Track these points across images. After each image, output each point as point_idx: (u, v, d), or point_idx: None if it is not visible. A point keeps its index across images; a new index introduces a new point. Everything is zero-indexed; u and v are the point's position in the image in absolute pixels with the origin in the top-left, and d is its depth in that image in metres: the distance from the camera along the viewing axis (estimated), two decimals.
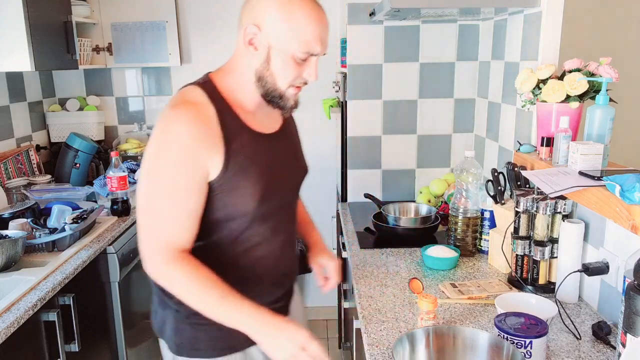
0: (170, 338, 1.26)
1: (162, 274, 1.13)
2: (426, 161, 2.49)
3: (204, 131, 1.09)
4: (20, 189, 2.35)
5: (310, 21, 1.09)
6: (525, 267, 1.52)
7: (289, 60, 1.12)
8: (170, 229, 1.11)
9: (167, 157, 1.09)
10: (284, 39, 1.09)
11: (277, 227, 1.26)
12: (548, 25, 1.68)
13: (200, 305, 1.12)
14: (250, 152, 1.16)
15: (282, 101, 1.18)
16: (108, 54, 2.82)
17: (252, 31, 1.10)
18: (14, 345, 1.38)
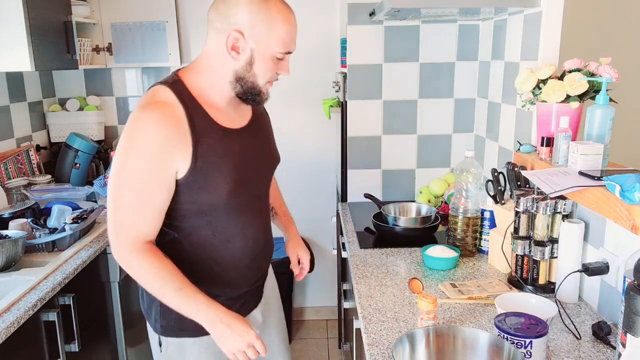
0: (157, 320, 1.35)
1: (126, 262, 1.22)
2: (426, 161, 2.49)
3: (172, 131, 1.15)
4: (20, 189, 2.35)
5: (287, 24, 1.20)
6: (525, 267, 1.52)
7: (269, 60, 1.21)
8: (136, 222, 1.20)
9: (136, 157, 1.16)
10: (267, 42, 1.19)
11: (251, 218, 1.34)
12: (548, 25, 1.68)
13: (158, 293, 1.22)
14: (219, 148, 1.23)
15: (259, 97, 1.27)
16: (108, 54, 2.82)
17: (235, 37, 1.17)
18: (14, 345, 1.38)
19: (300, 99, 2.94)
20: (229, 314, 1.22)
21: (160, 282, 1.20)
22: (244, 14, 1.16)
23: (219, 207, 1.26)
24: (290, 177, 2.12)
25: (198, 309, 1.20)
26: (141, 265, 1.21)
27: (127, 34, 2.80)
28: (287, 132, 2.94)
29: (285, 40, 1.20)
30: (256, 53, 1.19)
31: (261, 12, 1.17)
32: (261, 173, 1.38)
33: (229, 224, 1.29)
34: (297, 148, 3.02)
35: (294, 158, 2.99)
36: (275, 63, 1.22)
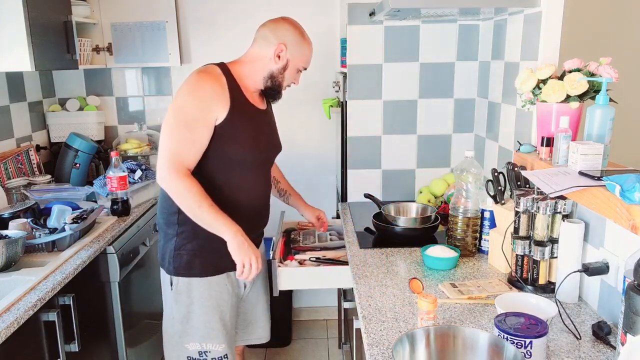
0: (170, 263, 1.70)
1: (171, 182, 1.56)
2: (426, 161, 2.49)
3: (216, 88, 1.59)
4: (20, 189, 2.35)
5: (310, 46, 1.73)
6: (525, 267, 1.52)
7: (295, 71, 1.71)
8: (183, 151, 1.56)
9: (189, 99, 1.58)
10: (298, 58, 1.69)
11: (262, 176, 1.77)
12: (548, 25, 1.68)
13: (194, 207, 1.56)
14: (247, 113, 1.67)
15: (279, 95, 1.75)
16: (108, 54, 2.82)
17: (282, 48, 1.66)
18: (14, 345, 1.38)
19: (300, 99, 2.94)
20: (243, 234, 1.60)
21: (198, 198, 1.54)
22: (289, 34, 1.67)
23: (238, 158, 1.64)
24: (290, 177, 2.13)
25: (225, 222, 1.57)
26: (184, 185, 1.54)
27: (127, 34, 2.81)
28: (287, 132, 2.93)
29: (307, 60, 1.73)
30: (290, 63, 1.68)
31: (298, 36, 1.69)
32: (270, 148, 1.80)
33: (242, 175, 1.68)
34: (297, 148, 3.02)
35: (294, 158, 2.99)
36: (296, 74, 1.72)
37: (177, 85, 2.94)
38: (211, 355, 1.74)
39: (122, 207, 2.21)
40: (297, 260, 1.96)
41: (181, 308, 1.71)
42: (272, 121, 1.85)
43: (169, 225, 1.70)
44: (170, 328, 1.76)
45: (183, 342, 1.73)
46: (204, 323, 1.72)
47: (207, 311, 1.71)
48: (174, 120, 1.57)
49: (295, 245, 2.13)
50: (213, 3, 2.86)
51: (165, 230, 1.72)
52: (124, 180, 2.19)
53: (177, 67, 2.89)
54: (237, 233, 1.58)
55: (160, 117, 3.00)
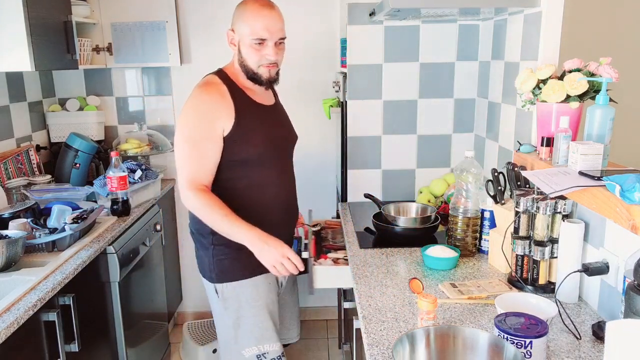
0: (212, 271, 1.71)
1: (187, 199, 1.59)
2: (426, 161, 2.49)
3: (217, 100, 1.61)
4: (20, 189, 2.34)
5: (257, 16, 1.59)
6: (525, 267, 1.52)
7: (249, 47, 1.62)
8: (193, 166, 1.60)
9: (192, 117, 1.61)
10: (243, 32, 1.62)
11: (280, 172, 1.75)
12: (548, 25, 1.68)
13: (210, 220, 1.59)
14: (255, 114, 1.67)
15: (257, 77, 1.66)
16: (108, 54, 2.82)
17: (230, 34, 1.67)
18: (14, 345, 1.38)
19: (300, 98, 2.94)
20: (265, 234, 1.57)
21: (212, 211, 1.57)
22: (234, 15, 1.66)
23: (255, 158, 1.65)
24: None
25: (241, 230, 1.56)
26: (202, 203, 1.57)
27: (127, 34, 2.80)
28: None
29: (255, 29, 1.59)
30: (240, 43, 1.64)
31: (238, 11, 1.64)
32: (284, 141, 1.80)
33: (263, 174, 1.68)
34: (297, 148, 3.01)
35: (294, 158, 2.98)
36: (256, 49, 1.61)
37: (177, 85, 2.94)
38: (270, 356, 1.73)
39: (122, 207, 2.21)
40: (331, 259, 1.95)
41: (231, 314, 1.72)
42: (283, 113, 1.86)
43: (204, 235, 1.70)
44: (224, 335, 1.77)
45: (239, 349, 1.73)
46: (256, 325, 1.71)
47: (257, 312, 1.71)
48: (182, 140, 1.61)
49: (325, 243, 2.12)
50: (213, 3, 2.85)
51: (201, 241, 1.73)
52: (124, 180, 2.19)
53: (177, 67, 2.89)
54: (254, 239, 1.56)
55: (160, 117, 2.99)
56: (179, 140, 1.61)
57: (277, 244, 1.56)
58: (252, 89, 1.70)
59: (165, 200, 2.83)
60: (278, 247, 1.55)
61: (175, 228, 3.06)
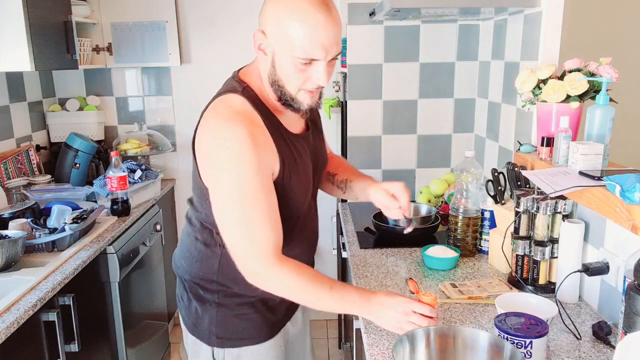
0: (211, 333, 1.31)
1: (269, 278, 1.17)
2: (426, 161, 2.49)
3: (261, 139, 1.14)
4: (20, 189, 2.34)
5: (309, 26, 1.07)
6: (526, 267, 1.52)
7: (290, 65, 1.12)
8: (264, 232, 1.14)
9: (243, 170, 1.12)
10: (283, 44, 1.10)
11: (309, 221, 1.38)
12: (548, 25, 1.68)
13: (311, 299, 1.18)
14: (293, 151, 1.22)
15: (295, 104, 1.18)
16: (108, 54, 2.82)
17: (259, 37, 1.14)
18: (14, 345, 1.38)
19: None
20: (377, 293, 1.20)
21: (312, 287, 1.16)
22: (269, 15, 1.12)
23: (296, 209, 1.27)
24: None
25: (353, 301, 1.18)
26: (289, 276, 1.16)
27: (127, 34, 2.80)
28: None
29: (303, 45, 1.08)
30: (277, 55, 1.12)
31: (282, 14, 1.09)
32: (317, 175, 1.38)
33: (292, 230, 1.28)
34: None
35: None
36: (300, 69, 1.12)
37: (177, 85, 2.93)
38: None
39: (122, 207, 2.21)
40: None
41: None
42: (318, 136, 1.38)
43: (206, 287, 1.31)
44: None
45: None
46: None
47: None
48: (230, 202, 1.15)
49: None
50: (213, 3, 2.85)
51: (199, 294, 1.32)
52: (124, 180, 2.19)
53: (177, 67, 2.89)
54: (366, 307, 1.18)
55: (160, 117, 2.99)
56: (231, 202, 1.15)
57: (393, 301, 1.18)
58: (280, 110, 1.23)
59: (165, 200, 2.83)
60: (396, 303, 1.17)
61: (175, 228, 3.06)
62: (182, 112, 2.96)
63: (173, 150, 2.93)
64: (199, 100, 2.88)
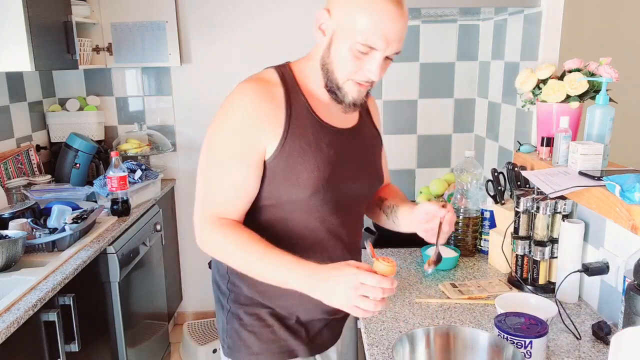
0: (224, 340, 1.25)
1: (206, 238, 1.11)
2: (426, 161, 2.49)
3: (264, 107, 1.08)
4: (20, 189, 2.34)
5: (377, 13, 1.01)
6: (525, 267, 1.52)
7: (347, 50, 1.05)
8: (217, 198, 1.11)
9: (226, 125, 1.10)
10: (346, 26, 1.04)
11: (335, 232, 1.18)
12: (548, 25, 1.68)
13: (239, 267, 1.09)
14: (311, 138, 1.11)
15: (340, 93, 1.10)
16: (108, 54, 2.82)
17: (323, 16, 1.07)
18: (14, 345, 1.38)
19: None
20: (322, 267, 1.02)
21: (242, 249, 1.07)
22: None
23: (298, 205, 1.13)
24: None
25: (289, 271, 1.03)
26: (223, 237, 1.08)
27: (127, 34, 2.80)
28: None
29: (367, 32, 1.02)
30: (335, 36, 1.06)
31: None
32: (354, 186, 1.19)
33: (307, 230, 1.15)
34: None
35: None
36: (355, 56, 1.05)
37: (177, 85, 2.93)
38: None
39: (122, 207, 2.21)
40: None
41: None
42: (365, 144, 1.24)
43: (220, 288, 1.26)
44: None
45: None
46: None
47: None
48: (206, 154, 1.13)
49: None
50: (213, 3, 2.85)
51: (217, 295, 1.27)
52: (124, 180, 2.19)
53: (177, 67, 2.89)
54: (309, 278, 1.02)
55: (160, 117, 2.99)
56: (204, 156, 1.13)
57: (341, 272, 1.00)
58: (321, 98, 1.15)
59: (165, 200, 2.83)
60: (345, 276, 0.99)
61: (175, 228, 3.06)
62: (182, 112, 2.96)
63: (173, 150, 2.93)
64: (199, 100, 2.92)
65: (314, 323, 1.24)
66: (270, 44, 2.80)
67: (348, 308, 0.99)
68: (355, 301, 0.97)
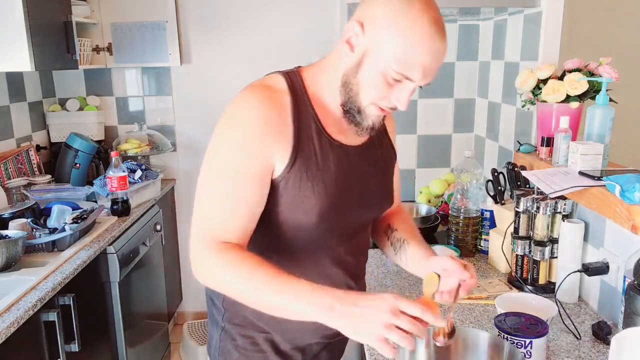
0: (214, 356, 1.17)
1: (205, 262, 0.97)
2: (426, 161, 2.49)
3: (273, 117, 0.97)
4: (20, 189, 2.34)
5: (419, 42, 0.92)
6: (525, 267, 1.52)
7: (379, 74, 0.95)
8: (218, 217, 0.97)
9: (230, 140, 0.98)
10: (383, 49, 0.94)
11: (336, 258, 1.09)
12: (548, 25, 1.68)
13: (243, 298, 0.94)
14: (319, 158, 1.01)
15: (360, 117, 1.00)
16: (108, 54, 2.82)
17: (354, 29, 0.97)
18: (14, 345, 1.38)
19: None
20: (350, 292, 0.88)
21: (249, 274, 0.92)
22: (377, 11, 0.95)
23: (302, 232, 1.03)
24: None
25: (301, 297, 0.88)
26: (226, 262, 0.94)
27: (127, 34, 2.80)
28: None
29: (406, 61, 0.92)
30: (367, 57, 0.95)
31: (395, 16, 0.93)
32: (362, 210, 1.11)
33: (310, 256, 1.07)
34: None
35: None
36: (387, 82, 0.95)
37: (177, 85, 2.93)
38: None
39: (122, 207, 2.21)
40: None
41: None
42: (377, 162, 1.13)
43: (216, 307, 1.17)
44: None
45: None
46: None
47: None
48: (208, 169, 1.01)
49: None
50: (213, 3, 2.85)
51: (212, 312, 1.19)
52: (124, 180, 2.19)
53: (177, 67, 2.89)
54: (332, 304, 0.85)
55: (160, 117, 2.99)
56: (205, 170, 1.01)
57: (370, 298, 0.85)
58: (331, 111, 1.04)
59: (165, 200, 2.83)
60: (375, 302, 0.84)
61: (175, 228, 3.06)
62: (182, 112, 2.96)
63: (173, 150, 2.93)
64: (199, 100, 2.92)
65: (311, 347, 1.16)
66: (270, 44, 2.80)
67: (375, 340, 0.82)
68: (386, 331, 0.81)
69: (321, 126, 1.03)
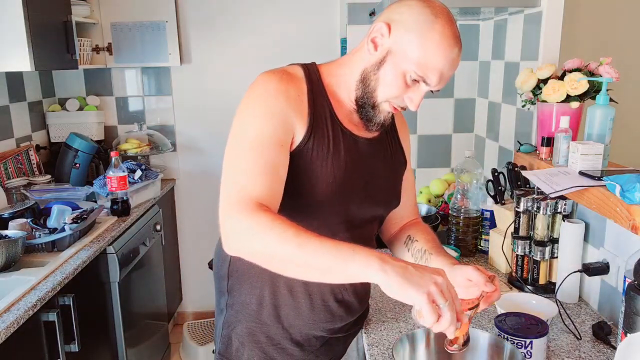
0: (216, 343, 1.22)
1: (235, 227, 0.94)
2: (426, 161, 2.49)
3: (292, 94, 1.04)
4: (20, 189, 2.34)
5: (441, 50, 0.99)
6: (526, 267, 1.52)
7: (399, 74, 1.02)
8: (255, 183, 0.97)
9: (254, 111, 1.02)
10: (406, 52, 1.00)
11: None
12: (548, 25, 1.68)
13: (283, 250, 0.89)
14: (331, 140, 1.07)
15: (373, 112, 1.07)
16: (108, 54, 2.82)
17: (381, 30, 1.02)
18: (14, 345, 1.38)
19: None
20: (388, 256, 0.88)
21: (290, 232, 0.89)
22: (406, 15, 1.01)
23: (305, 210, 1.06)
24: None
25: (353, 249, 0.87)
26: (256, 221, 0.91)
27: (127, 34, 2.80)
28: None
29: (427, 65, 0.99)
30: (390, 57, 1.02)
31: (422, 22, 0.99)
32: (367, 199, 1.14)
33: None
34: None
35: None
36: (404, 82, 1.02)
37: (177, 85, 2.93)
38: None
39: (122, 207, 2.21)
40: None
41: None
42: (384, 160, 1.19)
43: (221, 292, 1.21)
44: None
45: None
46: None
47: None
48: (237, 141, 1.03)
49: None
50: (213, 3, 2.85)
51: (218, 299, 1.24)
52: (124, 180, 2.19)
53: (177, 67, 2.89)
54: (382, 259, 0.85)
55: (160, 117, 2.99)
56: (233, 143, 1.03)
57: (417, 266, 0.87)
58: (344, 104, 1.11)
59: (165, 200, 2.83)
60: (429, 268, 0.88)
61: (175, 228, 3.06)
62: (182, 112, 2.96)
63: (173, 150, 2.93)
64: (199, 100, 2.92)
65: (310, 341, 1.18)
66: (270, 44, 2.80)
67: (424, 295, 0.82)
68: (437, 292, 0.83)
69: (335, 114, 1.09)
